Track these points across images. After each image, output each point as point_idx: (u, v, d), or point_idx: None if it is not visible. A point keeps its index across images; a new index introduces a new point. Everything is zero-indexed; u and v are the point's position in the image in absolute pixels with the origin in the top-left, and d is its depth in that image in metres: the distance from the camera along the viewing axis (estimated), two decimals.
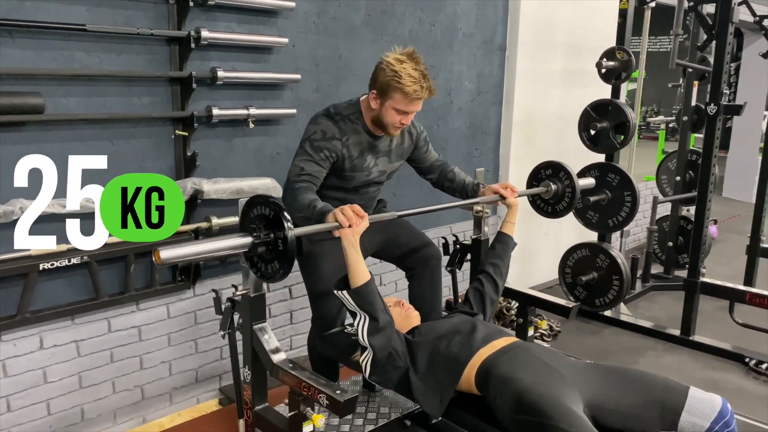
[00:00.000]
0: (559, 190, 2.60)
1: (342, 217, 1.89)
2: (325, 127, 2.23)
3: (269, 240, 1.69)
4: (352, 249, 1.90)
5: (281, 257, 1.68)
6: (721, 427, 1.78)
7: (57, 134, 2.31)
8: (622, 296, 3.74)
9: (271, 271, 1.72)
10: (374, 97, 2.18)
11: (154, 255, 1.57)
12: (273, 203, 1.69)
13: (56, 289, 2.38)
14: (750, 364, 3.33)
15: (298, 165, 2.20)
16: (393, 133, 2.28)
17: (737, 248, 5.32)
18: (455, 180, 2.57)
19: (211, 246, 1.67)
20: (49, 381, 2.42)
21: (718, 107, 3.30)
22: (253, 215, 1.75)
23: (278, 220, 1.68)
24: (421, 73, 2.12)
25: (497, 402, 1.86)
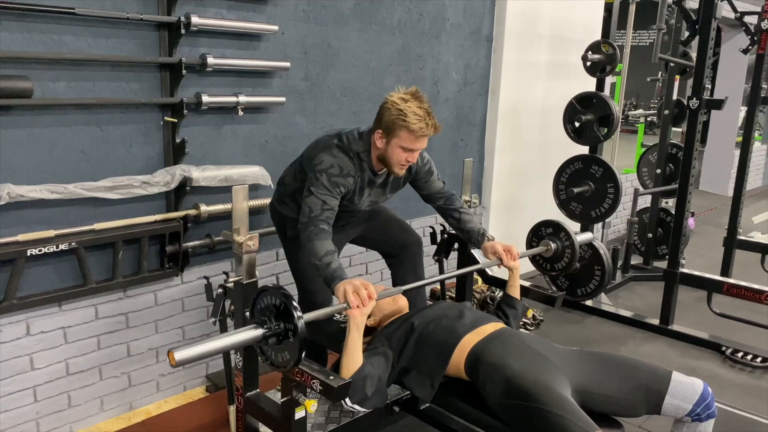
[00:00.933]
0: (559, 249, 2.63)
1: (353, 299, 1.87)
2: (342, 163, 2.20)
3: (279, 331, 1.68)
4: (357, 332, 1.91)
5: (291, 348, 1.66)
6: (703, 408, 1.84)
7: (45, 119, 2.28)
8: (604, 286, 3.80)
9: (282, 361, 1.71)
10: (380, 136, 2.18)
11: (169, 357, 1.54)
12: (282, 294, 1.68)
13: (44, 275, 2.36)
14: (727, 353, 3.42)
15: (319, 198, 2.14)
16: (398, 172, 2.26)
17: (713, 240, 5.45)
18: (461, 223, 2.52)
19: (224, 343, 1.64)
20: (35, 367, 2.41)
21: (700, 101, 3.36)
22: (262, 305, 1.73)
23: (287, 311, 1.66)
24: (425, 111, 2.13)
25: (487, 387, 1.90)
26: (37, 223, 2.30)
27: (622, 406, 1.88)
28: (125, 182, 2.45)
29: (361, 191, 2.30)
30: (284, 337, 1.67)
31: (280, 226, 2.50)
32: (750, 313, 3.81)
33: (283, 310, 1.67)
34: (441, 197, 2.54)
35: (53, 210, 2.34)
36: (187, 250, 2.69)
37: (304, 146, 3.04)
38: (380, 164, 2.27)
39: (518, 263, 2.42)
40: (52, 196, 2.27)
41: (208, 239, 2.77)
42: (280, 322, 1.68)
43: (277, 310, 1.68)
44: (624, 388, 1.88)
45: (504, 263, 2.39)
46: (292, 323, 1.64)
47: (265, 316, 1.70)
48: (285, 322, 1.67)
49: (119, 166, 2.49)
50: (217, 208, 2.74)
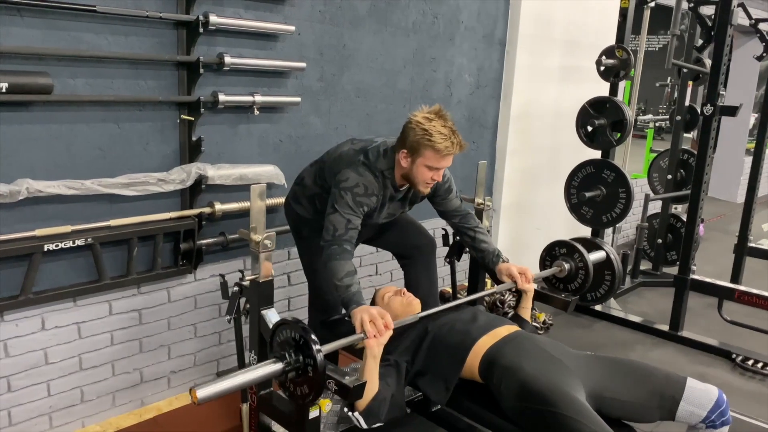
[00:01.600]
0: (573, 270, 2.63)
1: (370, 328, 1.88)
2: (367, 182, 2.20)
3: (299, 365, 1.68)
4: (373, 361, 1.90)
5: (310, 381, 1.67)
6: (717, 416, 1.84)
7: (63, 116, 2.29)
8: (614, 291, 3.79)
9: (301, 394, 1.71)
10: (405, 156, 2.18)
11: (191, 395, 1.55)
12: (300, 328, 1.68)
13: (59, 271, 2.37)
14: (737, 360, 3.41)
15: (344, 217, 2.14)
16: (423, 190, 2.25)
17: (722, 247, 5.44)
18: (475, 242, 2.50)
19: (245, 379, 1.65)
20: (49, 362, 2.42)
21: (715, 108, 3.36)
22: (281, 339, 1.73)
23: (307, 344, 1.66)
24: (450, 130, 2.13)
25: (501, 390, 1.90)
26: (54, 218, 2.32)
27: (636, 412, 1.88)
28: (141, 179, 2.46)
29: (381, 208, 2.30)
30: (304, 372, 1.68)
31: (295, 225, 2.51)
32: (759, 320, 3.80)
33: (302, 344, 1.67)
34: (457, 215, 2.52)
35: (70, 206, 2.35)
36: (201, 248, 2.71)
37: (318, 146, 3.09)
38: (403, 181, 2.27)
39: (532, 286, 2.43)
40: (69, 191, 2.28)
41: (221, 237, 2.78)
42: (299, 356, 1.68)
43: (296, 344, 1.69)
44: (638, 393, 1.88)
45: (518, 286, 2.39)
46: (312, 357, 1.64)
47: (284, 350, 1.70)
48: (304, 356, 1.67)
49: (135, 163, 2.51)
50: (231, 207, 2.75)
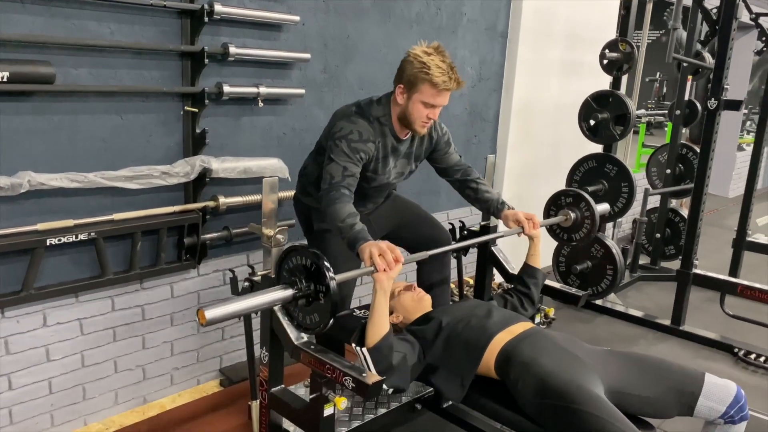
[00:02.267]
0: (578, 219, 2.60)
1: (380, 261, 1.84)
2: (362, 128, 2.17)
3: (310, 292, 1.64)
4: (383, 295, 1.86)
5: (321, 309, 1.62)
6: (736, 411, 1.83)
7: (66, 106, 2.23)
8: (616, 285, 3.80)
9: (311, 323, 1.67)
10: (401, 91, 2.15)
11: (198, 316, 1.51)
12: (313, 254, 1.64)
13: (61, 266, 2.32)
14: (739, 355, 3.42)
15: (339, 165, 2.11)
16: (420, 130, 2.22)
17: (717, 241, 5.46)
18: (478, 193, 2.49)
19: (254, 302, 1.61)
20: (51, 359, 2.36)
21: (719, 102, 3.35)
22: (290, 266, 1.69)
23: (319, 271, 1.62)
24: (448, 65, 2.10)
25: (519, 386, 1.87)
26: (56, 212, 2.26)
27: (654, 408, 1.86)
28: (145, 172, 2.41)
29: (385, 160, 2.26)
30: (314, 299, 1.64)
31: (305, 218, 2.46)
32: (759, 315, 3.80)
33: (314, 271, 1.63)
34: (458, 170, 2.51)
35: (72, 199, 2.29)
36: (205, 243, 2.65)
37: None
38: (403, 128, 2.24)
39: (539, 232, 2.41)
40: (72, 184, 2.22)
41: (225, 232, 2.73)
42: (310, 283, 1.64)
43: (307, 271, 1.65)
44: (657, 389, 1.86)
45: (525, 231, 2.38)
46: (324, 284, 1.60)
47: (294, 277, 1.66)
48: (316, 282, 1.62)
49: (139, 155, 2.45)
50: (235, 200, 2.70)
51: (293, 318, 1.72)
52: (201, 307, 1.52)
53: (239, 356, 3.00)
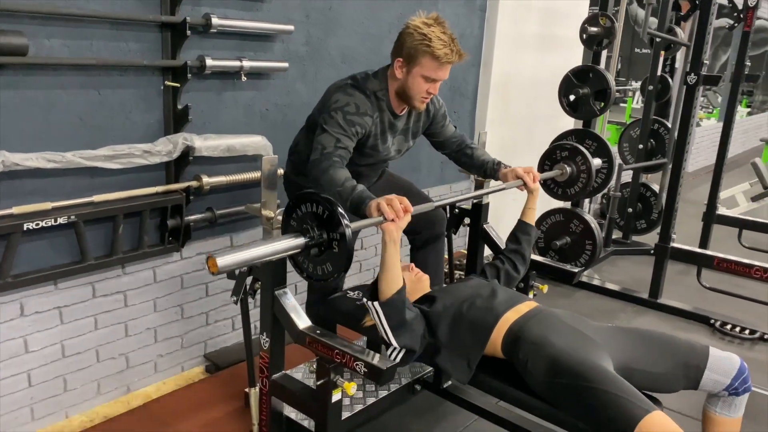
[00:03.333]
0: (574, 173, 2.58)
1: (388, 210, 1.75)
2: (359, 101, 2.08)
3: (322, 240, 1.55)
4: (394, 246, 1.78)
5: (335, 258, 1.54)
6: (740, 383, 1.85)
7: (40, 80, 2.08)
8: (594, 260, 3.83)
9: (322, 273, 1.59)
10: (400, 65, 2.07)
11: (209, 263, 1.41)
12: (326, 200, 1.55)
13: (39, 252, 2.18)
14: (716, 325, 3.50)
15: (333, 135, 2.02)
16: (419, 106, 2.15)
17: (680, 215, 5.58)
18: (473, 157, 2.46)
19: (267, 249, 1.52)
20: (30, 350, 2.23)
21: (699, 77, 3.38)
22: (300, 214, 1.60)
23: (333, 217, 1.54)
24: (449, 37, 2.03)
25: (528, 366, 1.85)
26: (32, 194, 2.11)
27: (662, 383, 1.87)
28: (126, 151, 2.27)
29: (383, 136, 2.19)
30: (327, 248, 1.56)
31: None
32: (729, 286, 3.90)
33: (327, 218, 1.55)
34: (454, 141, 2.48)
35: (49, 180, 2.15)
36: (189, 225, 2.54)
37: (303, 116, 2.91)
38: (400, 103, 2.17)
39: (539, 186, 2.40)
40: (49, 165, 2.08)
41: (209, 213, 2.62)
42: (323, 231, 1.56)
43: (319, 219, 1.57)
44: (665, 364, 1.86)
45: (527, 185, 2.36)
46: (339, 231, 1.53)
47: (306, 225, 1.58)
48: (329, 230, 1.55)
49: (118, 133, 2.31)
50: (219, 180, 2.59)
51: (302, 269, 1.64)
52: (212, 254, 1.42)
53: (224, 341, 2.91)
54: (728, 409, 1.89)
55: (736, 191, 5.67)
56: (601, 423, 1.66)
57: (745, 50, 4.04)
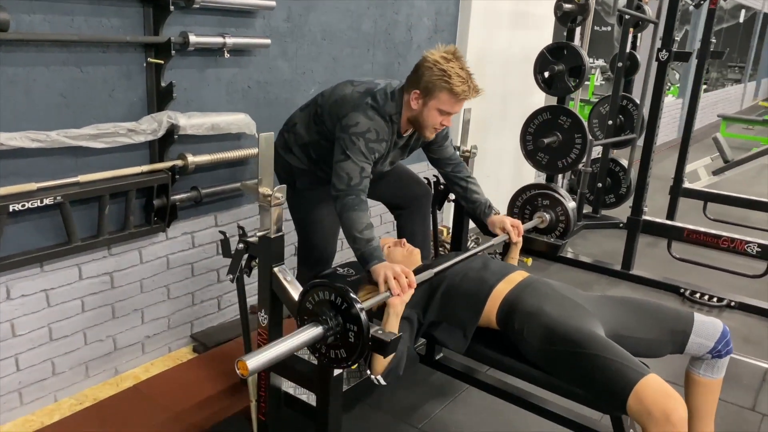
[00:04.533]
0: (553, 221, 2.72)
1: (394, 285, 1.81)
2: (378, 128, 2.08)
3: (339, 329, 1.56)
4: (396, 318, 1.83)
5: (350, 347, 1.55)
6: (723, 345, 1.94)
7: (20, 57, 2.01)
8: (569, 234, 3.91)
9: (335, 358, 1.59)
10: (417, 96, 2.07)
11: (239, 366, 1.39)
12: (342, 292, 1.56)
13: (24, 234, 2.12)
14: (685, 294, 3.64)
15: (357, 165, 2.02)
16: (429, 136, 2.17)
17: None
18: (467, 192, 2.46)
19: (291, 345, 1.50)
20: (17, 334, 2.19)
21: (670, 53, 3.46)
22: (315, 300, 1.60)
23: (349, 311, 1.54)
24: (467, 73, 2.04)
25: (524, 335, 1.90)
26: (15, 175, 2.05)
27: (650, 348, 1.94)
28: (110, 130, 2.22)
29: (387, 155, 2.21)
30: (343, 336, 1.58)
31: (288, 176, 2.36)
32: (696, 256, 4.05)
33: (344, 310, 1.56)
34: (450, 164, 2.47)
35: (32, 161, 2.09)
36: (175, 204, 2.51)
37: (286, 93, 2.92)
38: (408, 126, 2.18)
39: (521, 239, 2.43)
40: (33, 144, 2.02)
41: (195, 192, 2.59)
42: (339, 319, 1.57)
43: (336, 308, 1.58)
44: (653, 330, 1.94)
45: (512, 239, 2.39)
46: (356, 324, 1.54)
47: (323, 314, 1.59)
48: (346, 320, 1.56)
49: (101, 112, 2.26)
50: (204, 159, 2.55)
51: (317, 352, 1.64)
52: (240, 359, 1.39)
53: (210, 321, 2.90)
54: (711, 370, 1.98)
55: (699, 165, 5.87)
56: (597, 388, 1.73)
57: (710, 27, 4.15)
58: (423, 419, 2.41)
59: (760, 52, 15.60)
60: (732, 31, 12.67)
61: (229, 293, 2.93)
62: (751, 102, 15.63)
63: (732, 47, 12.73)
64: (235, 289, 2.72)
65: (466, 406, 2.49)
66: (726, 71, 14.09)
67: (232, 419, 2.30)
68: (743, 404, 2.64)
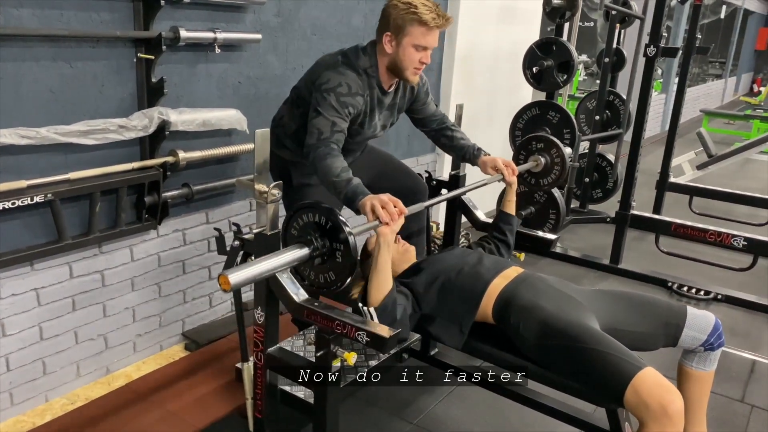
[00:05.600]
0: (548, 164, 2.67)
1: (383, 213, 1.79)
2: (351, 81, 2.07)
3: (326, 250, 1.55)
4: (387, 249, 1.81)
5: (338, 267, 1.54)
6: (715, 338, 1.96)
7: (9, 52, 1.98)
8: (558, 229, 3.94)
9: (325, 282, 1.58)
10: (389, 39, 2.07)
11: (221, 281, 1.39)
12: (326, 210, 1.55)
13: (14, 232, 2.09)
14: (673, 288, 3.68)
15: (328, 119, 2.01)
16: (412, 78, 2.15)
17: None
18: (453, 141, 2.50)
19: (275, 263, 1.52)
20: (7, 334, 2.16)
21: (657, 49, 3.49)
22: (301, 223, 1.59)
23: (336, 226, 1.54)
24: (433, 2, 2.05)
25: (520, 330, 1.91)
26: (4, 172, 2.02)
27: (643, 341, 1.96)
28: (101, 126, 2.20)
29: (372, 113, 2.20)
30: (330, 257, 1.56)
31: (282, 173, 2.35)
32: (682, 250, 4.09)
33: (330, 228, 1.56)
34: (435, 119, 2.50)
35: (21, 158, 2.06)
36: (167, 201, 2.48)
37: (276, 88, 2.90)
38: (390, 78, 2.18)
39: (515, 178, 2.46)
40: (23, 141, 1.99)
41: (186, 189, 2.56)
42: (325, 240, 1.56)
43: (321, 229, 1.57)
44: (647, 324, 1.96)
45: (506, 178, 2.42)
46: (342, 240, 1.53)
47: (309, 235, 1.58)
48: (332, 240, 1.55)
49: (91, 108, 2.23)
50: (195, 155, 2.53)
51: (303, 277, 1.64)
52: (222, 273, 1.41)
53: (201, 319, 2.88)
54: (703, 363, 2.01)
55: (683, 160, 5.92)
56: (594, 381, 1.74)
57: (696, 23, 4.19)
58: (418, 415, 2.41)
59: (741, 48, 15.80)
60: (713, 26, 12.82)
61: (221, 291, 2.90)
62: (731, 97, 15.84)
63: (713, 43, 12.87)
64: None
65: (461, 401, 2.49)
66: (707, 67, 14.25)
67: (227, 417, 2.29)
68: (732, 396, 2.67)
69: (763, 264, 3.76)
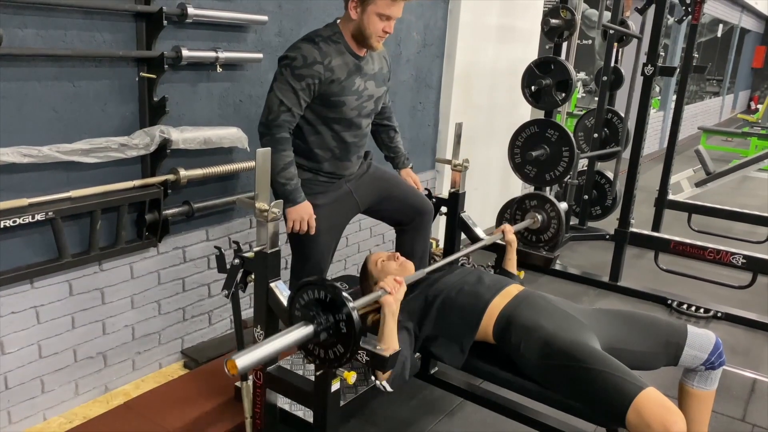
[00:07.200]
0: (545, 221, 2.72)
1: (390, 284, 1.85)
2: (305, 52, 2.12)
3: (330, 325, 1.57)
4: (392, 318, 1.83)
5: (344, 339, 1.55)
6: (716, 357, 1.96)
7: (13, 72, 1.99)
8: (558, 245, 3.94)
9: (335, 357, 1.59)
10: (354, 5, 2.12)
11: (228, 366, 1.39)
12: (328, 286, 1.57)
13: (15, 250, 2.10)
14: (672, 305, 3.68)
15: (277, 96, 2.11)
16: (376, 45, 2.20)
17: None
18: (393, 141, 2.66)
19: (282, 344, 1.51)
20: (6, 352, 2.15)
21: (655, 68, 3.52)
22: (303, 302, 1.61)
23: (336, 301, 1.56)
24: None
25: (521, 349, 1.91)
26: (6, 190, 2.03)
27: (644, 360, 1.96)
28: (103, 144, 2.21)
29: (350, 78, 2.21)
30: (335, 330, 1.57)
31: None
32: (681, 268, 4.10)
33: (330, 302, 1.57)
34: (385, 111, 2.58)
35: (23, 176, 2.07)
36: (167, 219, 2.49)
37: None
38: (359, 46, 2.21)
39: (514, 237, 2.52)
40: (24, 159, 2.00)
41: (186, 207, 2.57)
42: (328, 315, 1.58)
43: (323, 304, 1.58)
44: (648, 343, 1.96)
45: (506, 237, 2.51)
46: (344, 313, 1.54)
47: (311, 312, 1.59)
48: (335, 314, 1.57)
49: (93, 126, 2.24)
50: (196, 173, 2.54)
51: (314, 357, 1.63)
52: (230, 358, 1.40)
53: (201, 336, 2.87)
54: (704, 382, 2.00)
55: (681, 177, 5.95)
56: (596, 401, 1.74)
57: (693, 42, 4.23)
58: None
59: (738, 66, 15.92)
60: (710, 44, 12.92)
61: (220, 308, 2.91)
62: (729, 114, 15.93)
63: (710, 61, 12.97)
64: (225, 303, 2.72)
65: (461, 421, 2.48)
66: (704, 84, 14.35)
67: None
68: (733, 415, 2.67)
69: (763, 281, 3.77)
